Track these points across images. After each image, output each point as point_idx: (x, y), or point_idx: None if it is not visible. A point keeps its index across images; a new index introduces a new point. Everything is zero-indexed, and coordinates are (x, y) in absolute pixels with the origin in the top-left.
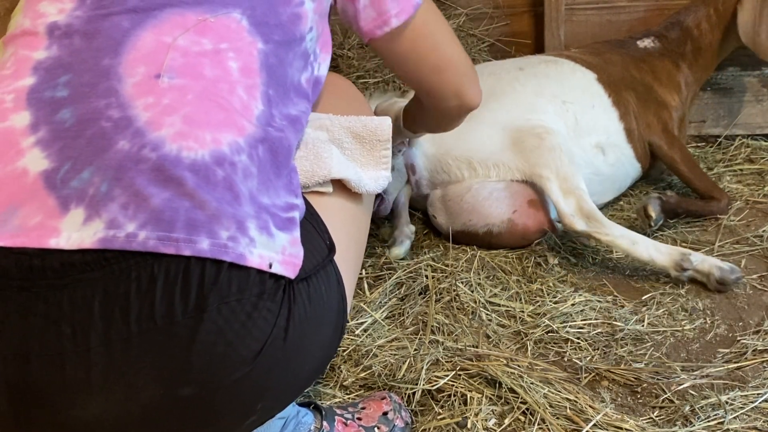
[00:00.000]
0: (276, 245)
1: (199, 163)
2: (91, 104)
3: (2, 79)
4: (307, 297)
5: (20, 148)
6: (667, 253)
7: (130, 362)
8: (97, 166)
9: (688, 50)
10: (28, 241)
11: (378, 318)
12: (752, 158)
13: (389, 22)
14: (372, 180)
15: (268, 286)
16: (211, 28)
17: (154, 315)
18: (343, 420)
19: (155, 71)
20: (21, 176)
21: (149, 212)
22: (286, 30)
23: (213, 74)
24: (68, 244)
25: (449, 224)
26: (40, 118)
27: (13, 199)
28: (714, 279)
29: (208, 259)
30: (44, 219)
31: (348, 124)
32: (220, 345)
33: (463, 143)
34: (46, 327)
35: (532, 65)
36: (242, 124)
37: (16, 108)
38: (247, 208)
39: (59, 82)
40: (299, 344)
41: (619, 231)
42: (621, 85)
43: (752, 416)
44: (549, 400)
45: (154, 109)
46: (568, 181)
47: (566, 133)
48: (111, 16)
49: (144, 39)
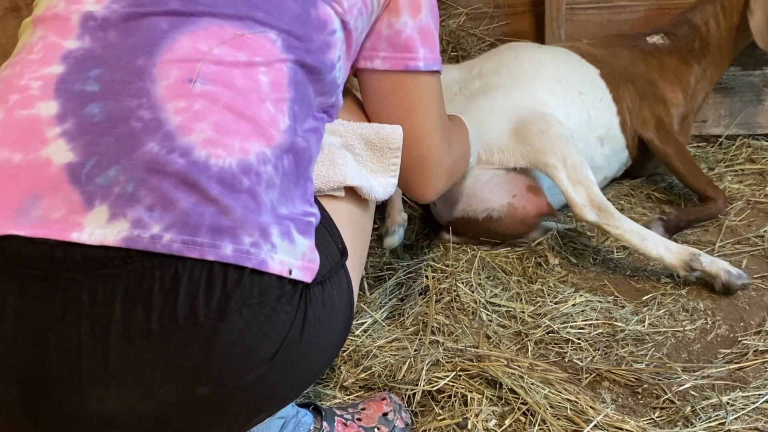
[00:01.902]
0: (297, 251)
1: (226, 171)
2: (122, 103)
3: (29, 63)
4: (321, 300)
5: (44, 137)
6: (676, 252)
7: (148, 359)
8: (124, 166)
9: (697, 48)
10: (50, 232)
11: (378, 318)
12: (753, 158)
13: (374, 61)
14: (381, 187)
15: (286, 290)
16: (247, 43)
17: (176, 314)
18: (343, 420)
19: (188, 76)
20: (44, 166)
21: (175, 215)
22: (317, 56)
23: (244, 85)
24: (90, 240)
25: (449, 212)
26: (67, 109)
27: (35, 189)
28: (720, 282)
29: (231, 264)
30: (68, 213)
31: (361, 131)
32: (240, 346)
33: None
34: (64, 319)
35: (550, 48)
36: (270, 134)
37: (43, 96)
38: (267, 218)
39: (90, 75)
40: (312, 346)
41: (630, 225)
42: (620, 79)
43: (753, 417)
44: (549, 400)
45: (185, 113)
46: (576, 170)
47: (579, 126)
48: (150, 15)
49: (181, 43)
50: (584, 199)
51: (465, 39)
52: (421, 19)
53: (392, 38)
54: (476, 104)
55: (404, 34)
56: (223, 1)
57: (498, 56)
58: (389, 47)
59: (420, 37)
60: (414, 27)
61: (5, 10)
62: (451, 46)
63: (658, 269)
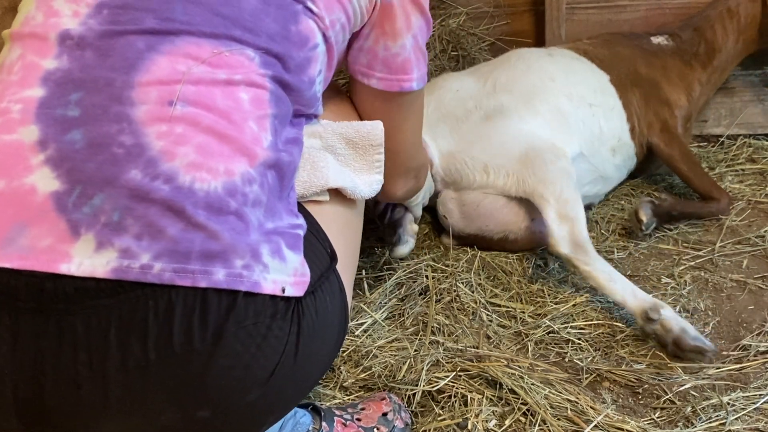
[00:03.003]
0: (288, 268)
1: (212, 195)
2: (103, 128)
3: (9, 85)
4: (314, 310)
5: (29, 164)
6: (641, 299)
7: (148, 388)
8: (109, 194)
9: (702, 51)
10: (37, 264)
11: (378, 319)
12: (754, 158)
13: (370, 79)
14: (366, 185)
15: (280, 308)
16: (225, 61)
17: (172, 342)
18: (343, 421)
19: (168, 98)
20: (28, 194)
21: (164, 243)
22: (296, 75)
23: (225, 105)
24: (79, 271)
25: (463, 227)
26: (49, 135)
27: (21, 217)
28: (671, 337)
29: (224, 289)
30: (55, 242)
31: (341, 130)
32: (237, 368)
33: (484, 145)
34: (60, 351)
35: (559, 53)
36: (254, 153)
37: (23, 120)
38: (256, 236)
39: (71, 99)
40: (308, 357)
41: (602, 266)
42: (627, 82)
43: (754, 417)
44: (550, 401)
45: (167, 137)
46: (568, 206)
47: (590, 145)
48: (126, 34)
49: (158, 63)
50: (564, 234)
51: (465, 38)
52: (415, 35)
53: (388, 60)
54: (492, 126)
55: (401, 57)
56: (199, 19)
57: (510, 68)
58: (385, 68)
59: (414, 58)
60: (410, 48)
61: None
62: (451, 45)
63: (659, 270)
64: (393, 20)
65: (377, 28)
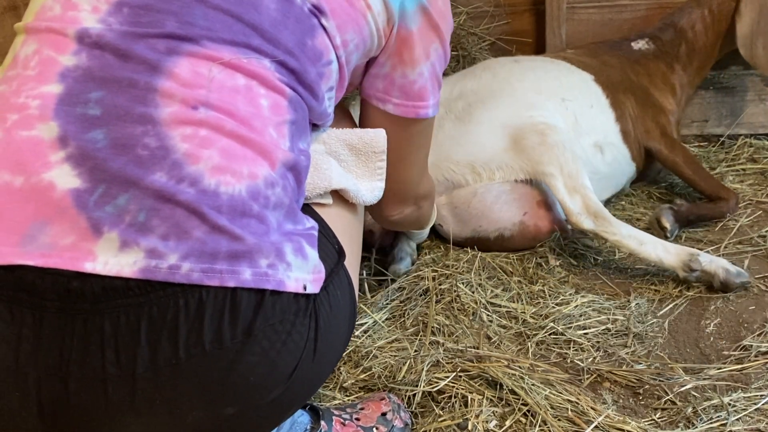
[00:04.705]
0: (309, 266)
1: (236, 198)
2: (127, 129)
3: (26, 80)
4: (328, 305)
5: (47, 161)
6: (675, 254)
7: (177, 387)
8: (133, 195)
9: (683, 52)
10: (61, 262)
11: (378, 319)
12: (755, 158)
13: (386, 105)
14: (368, 191)
15: (301, 305)
16: (245, 67)
17: (203, 341)
18: (341, 420)
19: (192, 102)
20: (47, 190)
21: (191, 244)
22: (309, 90)
23: (246, 111)
24: (105, 270)
25: (458, 231)
26: (69, 132)
27: (41, 214)
28: (719, 280)
29: (252, 288)
30: (77, 240)
31: (344, 137)
32: (264, 365)
33: (462, 147)
34: (87, 350)
35: (529, 59)
36: (275, 157)
37: (42, 117)
38: (276, 236)
39: (90, 98)
40: (325, 351)
41: (627, 230)
42: (619, 87)
43: (755, 418)
44: (550, 401)
45: (191, 140)
46: (573, 178)
47: (567, 132)
48: (147, 37)
49: (180, 67)
50: (580, 207)
51: (465, 38)
52: (433, 63)
53: (405, 87)
54: (464, 127)
55: (417, 84)
56: (219, 26)
57: (476, 77)
58: (402, 95)
59: (431, 85)
60: (427, 76)
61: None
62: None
63: (660, 269)
64: (411, 49)
65: (395, 57)
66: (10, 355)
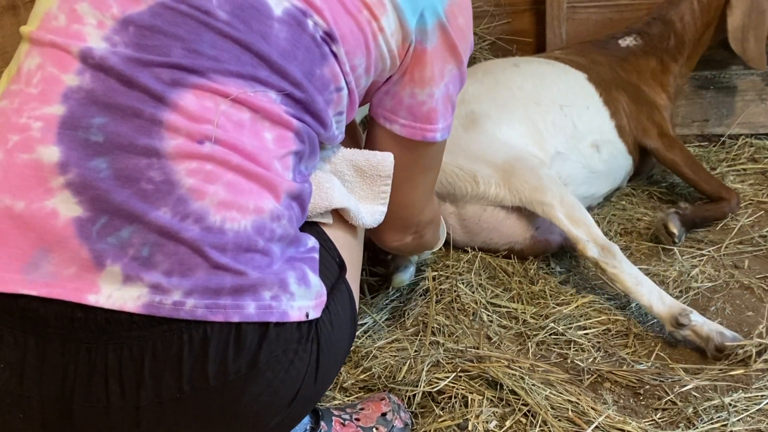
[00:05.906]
0: (312, 293)
1: (242, 235)
2: (131, 161)
3: (28, 98)
4: (329, 323)
5: (49, 187)
6: (668, 305)
7: (180, 419)
8: (137, 229)
9: (672, 45)
10: (64, 293)
11: (378, 319)
12: (755, 158)
13: (393, 125)
14: (369, 214)
15: (303, 332)
16: (250, 101)
17: (207, 375)
18: (341, 420)
19: (198, 136)
20: (49, 217)
21: (194, 280)
22: (316, 119)
23: (252, 145)
24: (108, 303)
25: (467, 242)
26: (71, 159)
27: (43, 242)
28: (713, 345)
29: (256, 322)
30: (79, 271)
31: (351, 157)
32: (267, 395)
33: (470, 153)
34: (90, 379)
35: (527, 62)
36: (280, 189)
37: (44, 139)
38: (279, 265)
39: (93, 123)
40: (327, 369)
41: (629, 268)
42: (611, 84)
43: (756, 418)
44: (551, 401)
45: (197, 175)
46: (574, 210)
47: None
48: (152, 66)
49: (186, 100)
50: (586, 236)
51: None
52: (447, 84)
53: (413, 108)
54: (468, 135)
55: (426, 106)
56: (227, 56)
57: (477, 82)
58: (409, 116)
59: (442, 107)
60: (438, 98)
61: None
62: None
63: (660, 270)
64: (423, 67)
65: (406, 75)
66: (14, 379)
